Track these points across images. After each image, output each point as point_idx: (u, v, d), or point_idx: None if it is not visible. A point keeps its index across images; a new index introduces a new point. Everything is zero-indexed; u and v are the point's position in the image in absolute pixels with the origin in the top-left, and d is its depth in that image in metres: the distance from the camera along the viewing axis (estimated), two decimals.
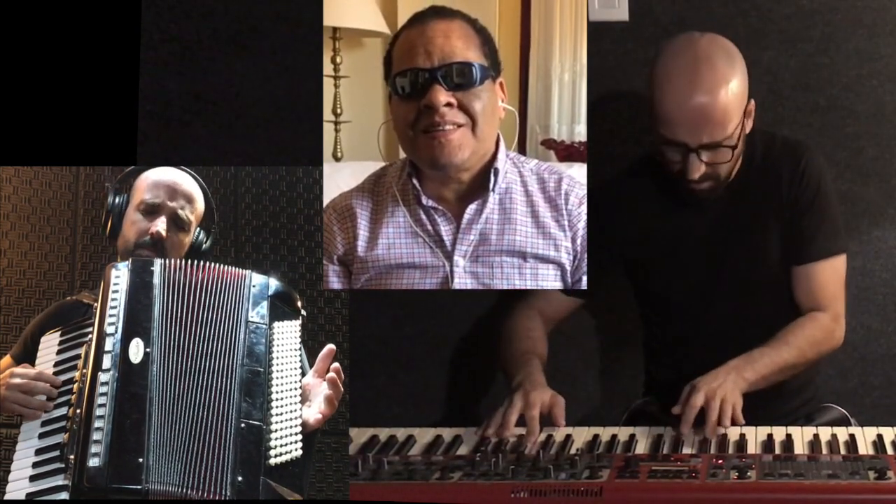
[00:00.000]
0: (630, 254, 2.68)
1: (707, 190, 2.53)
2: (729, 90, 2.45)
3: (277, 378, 2.23)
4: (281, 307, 2.29)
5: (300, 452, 2.20)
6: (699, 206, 2.59)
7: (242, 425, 2.16)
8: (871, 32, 2.99)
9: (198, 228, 2.45)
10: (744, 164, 2.57)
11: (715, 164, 2.49)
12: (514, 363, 2.57)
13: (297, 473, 2.19)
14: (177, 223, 2.40)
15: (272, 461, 2.16)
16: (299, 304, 2.33)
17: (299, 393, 2.25)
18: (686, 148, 2.46)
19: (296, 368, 2.27)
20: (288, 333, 2.29)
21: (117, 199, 2.43)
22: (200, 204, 2.45)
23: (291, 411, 2.22)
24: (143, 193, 2.41)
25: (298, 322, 2.32)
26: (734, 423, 2.34)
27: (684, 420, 2.35)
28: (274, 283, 2.29)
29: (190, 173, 2.48)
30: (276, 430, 2.19)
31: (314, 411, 2.23)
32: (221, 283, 2.24)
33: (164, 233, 2.37)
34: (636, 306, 2.78)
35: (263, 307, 2.26)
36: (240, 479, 2.12)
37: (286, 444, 2.19)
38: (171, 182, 2.43)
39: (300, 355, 2.29)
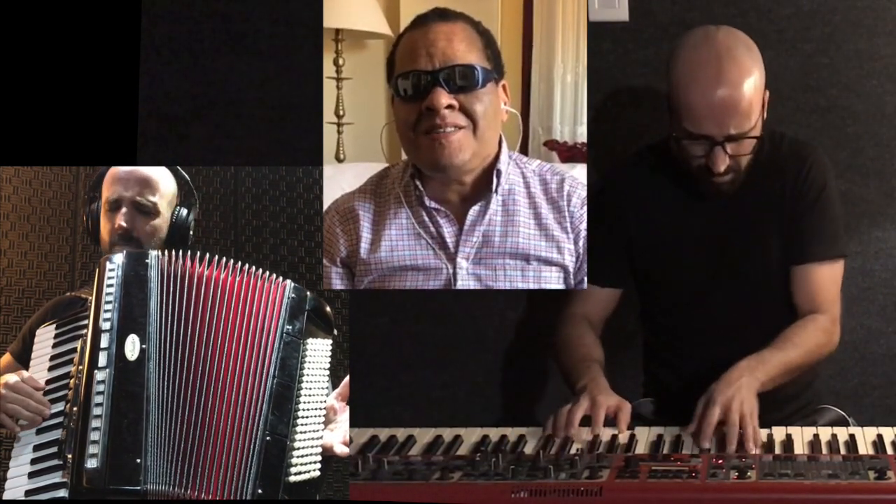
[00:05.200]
0: (634, 249, 2.67)
1: (728, 182, 2.53)
2: (752, 81, 2.46)
3: (305, 396, 2.24)
4: (317, 322, 2.30)
5: (318, 474, 2.22)
6: (704, 202, 2.58)
7: (268, 437, 2.16)
8: (871, 32, 2.99)
9: (177, 207, 2.46)
10: (753, 160, 2.56)
11: (738, 155, 2.49)
12: (575, 370, 2.56)
13: (311, 494, 2.21)
14: (140, 210, 2.42)
15: (291, 478, 2.17)
16: (333, 321, 2.34)
17: (324, 414, 2.26)
18: (711, 141, 2.47)
19: (323, 388, 2.28)
20: (320, 351, 2.29)
21: (93, 206, 2.46)
22: (164, 185, 2.46)
23: (314, 431, 2.24)
24: (105, 194, 2.45)
25: (330, 341, 2.32)
26: (754, 441, 2.32)
27: (703, 436, 2.32)
28: (312, 297, 2.29)
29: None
30: (298, 448, 2.20)
31: (338, 438, 2.26)
32: (254, 288, 2.24)
33: (125, 224, 2.40)
34: (637, 305, 2.78)
35: (301, 320, 2.25)
36: (260, 491, 2.13)
37: (306, 464, 2.21)
38: (125, 174, 2.45)
39: (328, 376, 2.30)
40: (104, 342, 2.12)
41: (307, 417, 2.23)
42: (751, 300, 2.62)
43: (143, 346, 2.13)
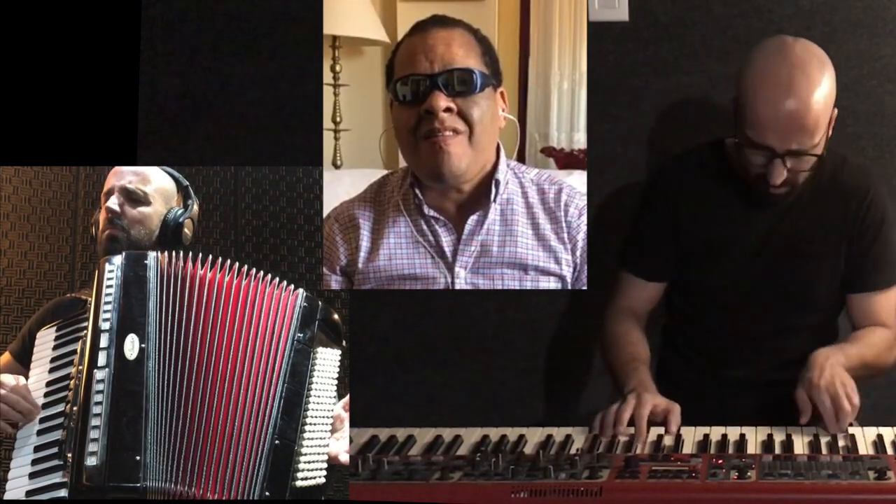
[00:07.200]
0: (680, 239, 2.65)
1: (782, 194, 2.53)
2: (821, 99, 2.43)
3: (314, 403, 2.26)
4: (327, 332, 2.32)
5: (323, 481, 2.25)
6: (758, 210, 2.58)
7: (277, 442, 2.18)
8: (871, 32, 2.99)
9: (174, 209, 2.47)
10: (812, 176, 2.54)
11: (797, 171, 2.48)
12: (623, 371, 2.57)
13: (316, 500, 2.23)
14: (130, 197, 2.43)
15: (298, 483, 2.19)
16: (342, 332, 2.37)
17: (331, 423, 2.29)
18: (772, 153, 2.45)
19: (331, 397, 2.30)
20: (329, 360, 2.31)
21: (97, 212, 2.49)
22: (157, 179, 2.48)
23: (321, 438, 2.26)
24: (104, 191, 2.48)
25: (339, 351, 2.34)
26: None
27: (829, 423, 2.36)
28: (323, 307, 2.31)
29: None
30: (305, 454, 2.22)
31: (343, 447, 2.29)
32: (263, 294, 2.25)
33: (115, 207, 2.41)
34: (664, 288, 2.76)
35: (311, 329, 2.28)
36: (267, 493, 2.15)
37: (313, 470, 2.23)
38: (117, 169, 2.48)
39: (336, 385, 2.32)
40: (104, 342, 2.12)
41: (315, 425, 2.26)
42: (787, 312, 2.63)
43: (143, 345, 2.14)
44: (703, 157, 2.66)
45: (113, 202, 2.42)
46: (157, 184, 2.47)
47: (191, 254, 2.24)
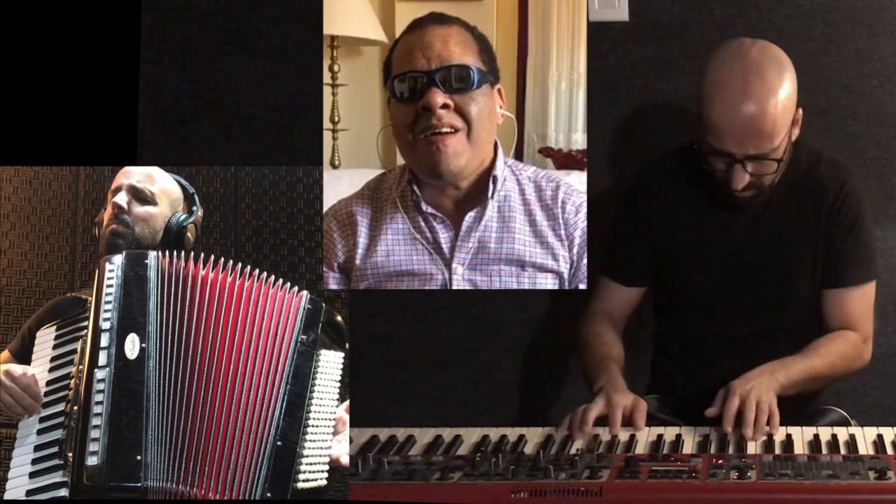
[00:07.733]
0: (659, 244, 2.66)
1: (749, 197, 2.52)
2: (778, 102, 2.41)
3: (317, 405, 2.27)
4: (331, 335, 2.33)
5: (325, 483, 2.25)
6: (736, 208, 2.58)
7: (279, 443, 2.19)
8: (871, 32, 2.99)
9: (179, 214, 2.47)
10: (787, 174, 2.54)
11: (759, 174, 2.48)
12: (594, 370, 2.57)
13: (317, 500, 2.24)
14: (137, 196, 2.43)
15: (300, 485, 2.20)
16: (345, 335, 2.37)
17: (333, 425, 2.29)
18: (732, 158, 2.45)
19: (334, 400, 2.31)
20: (332, 363, 2.32)
21: (102, 212, 2.48)
22: (165, 181, 2.48)
23: (323, 440, 2.27)
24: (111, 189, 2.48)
25: (342, 354, 2.35)
26: (769, 427, 2.34)
27: (725, 420, 2.35)
28: (326, 309, 2.32)
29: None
30: (307, 456, 2.23)
31: (345, 450, 2.30)
32: (265, 295, 2.26)
33: (123, 204, 2.41)
34: (650, 297, 2.76)
35: (315, 331, 2.29)
36: (269, 494, 2.16)
37: (314, 472, 2.24)
38: (125, 169, 2.48)
39: (339, 388, 2.32)
40: (104, 341, 2.12)
41: (317, 427, 2.26)
42: (772, 313, 2.62)
43: (143, 344, 2.14)
44: (676, 161, 2.66)
45: (121, 198, 2.43)
46: (164, 186, 2.47)
47: (192, 254, 2.24)
